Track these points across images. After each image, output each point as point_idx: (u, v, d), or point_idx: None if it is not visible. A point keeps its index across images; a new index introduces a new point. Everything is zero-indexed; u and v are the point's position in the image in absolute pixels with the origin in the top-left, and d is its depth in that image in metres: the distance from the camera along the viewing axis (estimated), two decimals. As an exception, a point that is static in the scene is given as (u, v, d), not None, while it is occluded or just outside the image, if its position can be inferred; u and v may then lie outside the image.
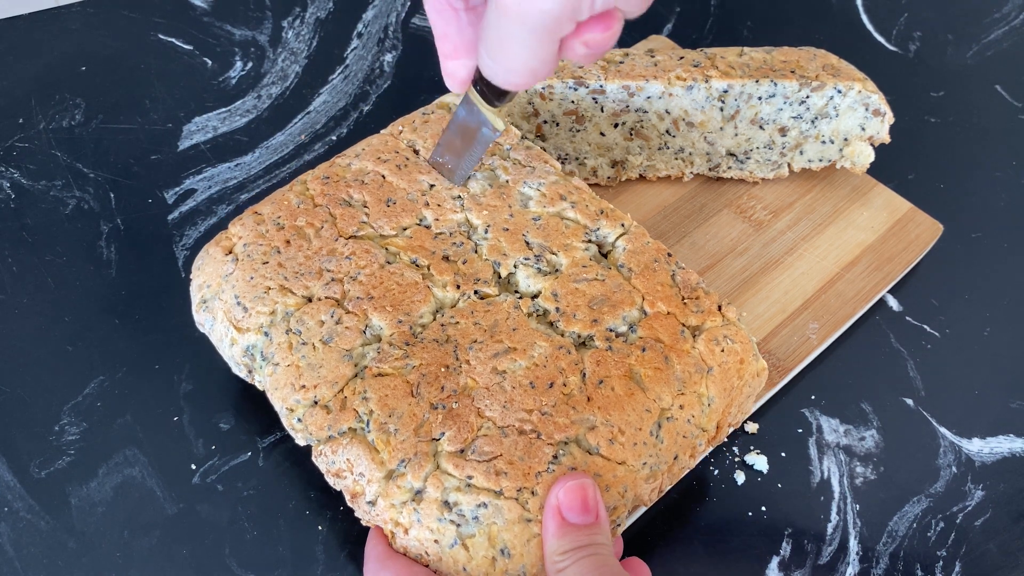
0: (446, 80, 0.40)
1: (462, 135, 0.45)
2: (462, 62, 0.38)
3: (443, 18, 0.36)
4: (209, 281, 0.46)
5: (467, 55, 0.38)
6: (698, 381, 0.42)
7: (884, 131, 0.58)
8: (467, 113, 0.43)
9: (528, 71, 0.32)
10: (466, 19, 0.36)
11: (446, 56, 0.38)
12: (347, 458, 0.40)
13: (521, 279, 0.45)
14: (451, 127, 0.46)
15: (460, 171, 0.47)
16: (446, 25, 0.37)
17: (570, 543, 0.36)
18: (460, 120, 0.44)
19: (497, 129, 0.43)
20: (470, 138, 0.45)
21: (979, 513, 0.49)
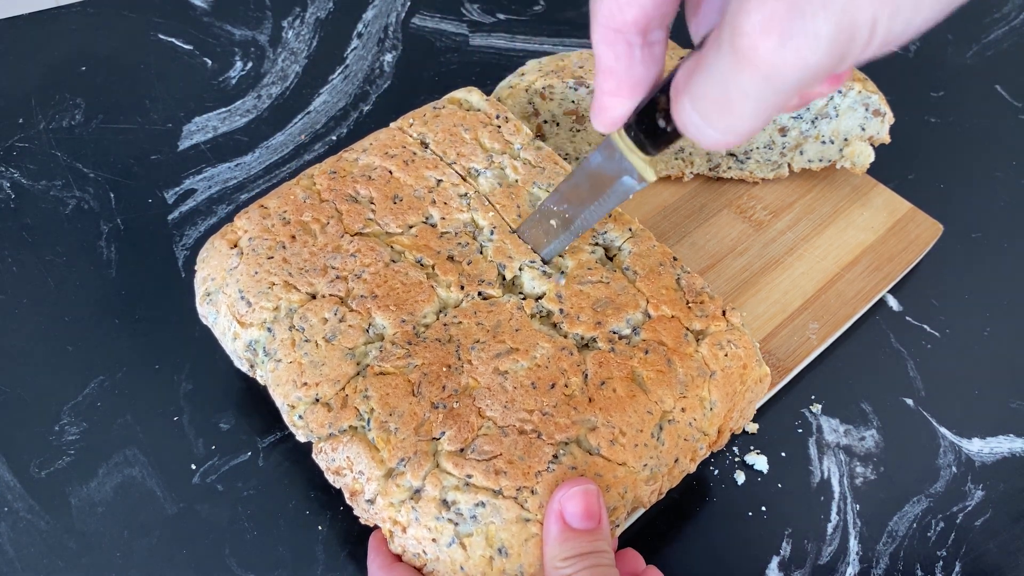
0: (595, 117, 0.34)
1: (592, 183, 0.39)
2: (622, 101, 0.32)
3: (614, 52, 0.30)
4: (213, 274, 0.46)
5: (630, 95, 0.32)
6: (700, 385, 0.42)
7: (884, 131, 0.58)
8: (605, 159, 0.37)
9: (750, 132, 0.26)
10: (639, 56, 0.30)
11: (607, 93, 0.32)
12: (347, 456, 0.40)
13: (527, 281, 0.45)
14: (578, 173, 0.40)
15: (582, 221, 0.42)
16: (615, 61, 0.31)
17: (572, 549, 0.36)
18: (593, 166, 0.38)
19: (645, 180, 0.36)
20: (602, 187, 0.38)
21: (979, 513, 0.49)
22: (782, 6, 0.22)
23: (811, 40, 0.22)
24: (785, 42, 0.22)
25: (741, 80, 0.24)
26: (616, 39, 0.30)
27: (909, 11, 0.22)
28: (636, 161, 0.35)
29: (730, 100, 0.25)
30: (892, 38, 0.22)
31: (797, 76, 0.23)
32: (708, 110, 0.26)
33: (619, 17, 0.29)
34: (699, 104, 0.26)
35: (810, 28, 0.22)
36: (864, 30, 0.22)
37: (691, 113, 0.27)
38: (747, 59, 0.23)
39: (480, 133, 0.51)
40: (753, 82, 0.24)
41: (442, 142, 0.50)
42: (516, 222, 0.47)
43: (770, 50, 0.22)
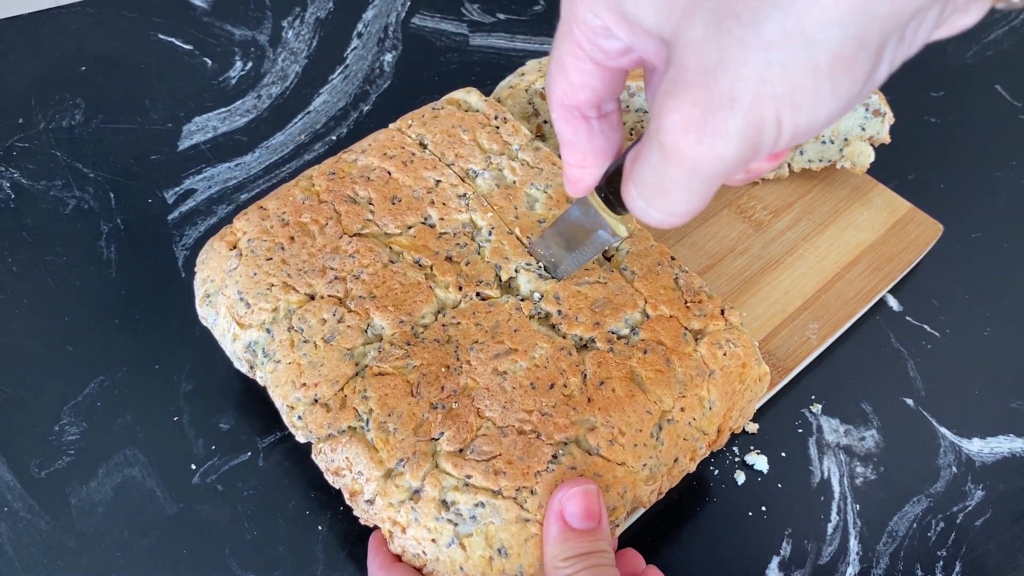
0: (568, 187, 0.36)
1: (573, 233, 0.42)
2: (589, 171, 0.35)
3: (571, 127, 0.33)
4: (213, 276, 0.46)
5: (596, 164, 0.34)
6: (699, 384, 0.42)
7: (884, 131, 0.58)
8: (582, 214, 0.40)
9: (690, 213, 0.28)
10: (597, 127, 0.33)
11: (573, 165, 0.35)
12: (346, 456, 0.40)
13: (522, 283, 0.45)
14: (560, 223, 0.42)
15: (564, 266, 0.44)
16: (575, 134, 0.33)
17: (573, 549, 0.36)
18: (573, 219, 0.41)
19: (618, 235, 0.38)
20: (582, 238, 0.41)
21: (979, 513, 0.49)
22: (697, 109, 0.24)
23: (724, 137, 0.24)
24: (702, 139, 0.24)
25: (670, 171, 0.26)
26: (573, 115, 0.33)
27: (810, 107, 0.24)
28: (609, 219, 0.38)
29: (664, 188, 0.27)
30: (801, 131, 0.24)
31: (718, 168, 0.25)
32: (648, 196, 0.28)
33: (573, 98, 0.32)
34: (641, 190, 0.28)
35: (721, 127, 0.24)
36: (771, 126, 0.24)
37: (636, 198, 0.29)
38: (671, 154, 0.25)
39: (478, 134, 0.51)
40: (681, 173, 0.26)
41: (441, 143, 0.50)
42: (513, 223, 0.47)
43: (690, 146, 0.25)
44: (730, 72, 0.23)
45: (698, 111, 0.24)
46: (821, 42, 0.22)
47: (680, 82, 0.24)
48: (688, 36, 0.24)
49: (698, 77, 0.24)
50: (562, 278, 0.44)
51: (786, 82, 0.23)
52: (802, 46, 0.22)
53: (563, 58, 0.30)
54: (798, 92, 0.23)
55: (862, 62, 0.23)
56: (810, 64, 0.23)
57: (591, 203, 0.38)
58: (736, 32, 0.23)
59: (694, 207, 0.28)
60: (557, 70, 0.31)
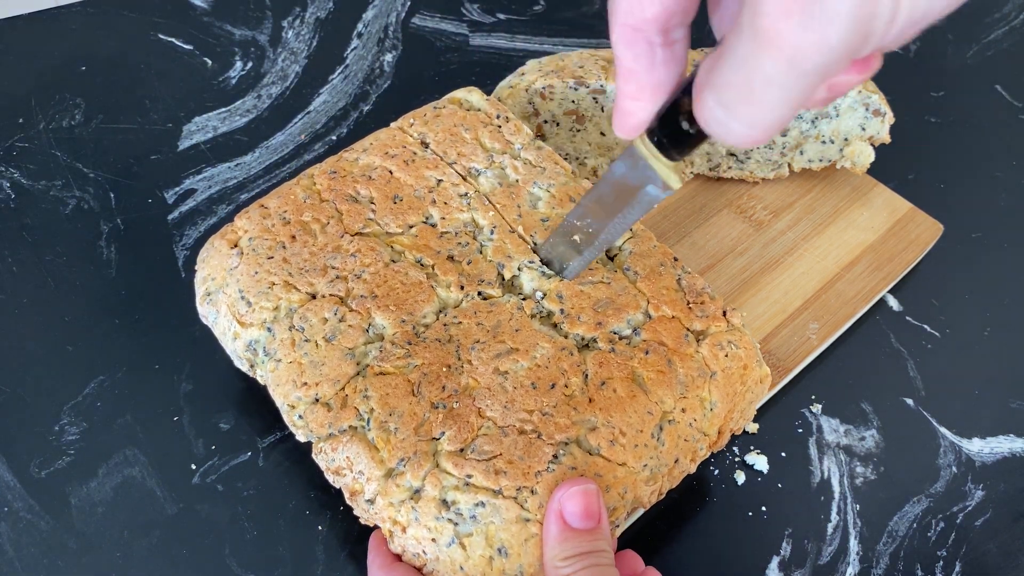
0: (617, 123, 0.32)
1: (616, 194, 0.38)
2: (643, 105, 0.31)
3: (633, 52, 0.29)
4: (213, 274, 0.46)
5: (652, 99, 0.31)
6: (701, 385, 0.42)
7: (884, 131, 0.58)
8: (628, 168, 0.36)
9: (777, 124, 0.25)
10: (661, 56, 0.29)
11: (629, 96, 0.31)
12: (347, 456, 0.40)
13: (525, 282, 0.45)
14: (601, 186, 0.38)
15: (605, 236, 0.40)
16: (635, 61, 0.29)
17: (572, 549, 0.36)
18: (617, 176, 0.37)
19: (670, 187, 0.34)
20: (626, 197, 0.37)
21: (979, 513, 0.49)
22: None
23: (832, 20, 0.21)
24: (806, 22, 0.21)
25: (764, 65, 0.23)
26: (636, 38, 0.29)
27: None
28: (660, 168, 0.34)
29: (754, 88, 0.24)
30: (916, 16, 0.22)
31: (821, 58, 0.22)
32: (732, 101, 0.25)
33: (639, 14, 0.28)
34: (723, 96, 0.25)
35: (831, 6, 0.21)
36: (886, 8, 0.21)
37: (714, 108, 0.26)
38: (769, 41, 0.22)
39: (480, 133, 0.51)
40: (777, 66, 0.23)
41: (442, 142, 0.50)
42: (516, 222, 0.47)
43: (792, 31, 0.22)
44: None
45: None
46: None
47: None
48: None
49: None
50: (570, 278, 0.43)
51: None
52: None
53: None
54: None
55: None
56: None
57: (639, 151, 0.34)
58: None
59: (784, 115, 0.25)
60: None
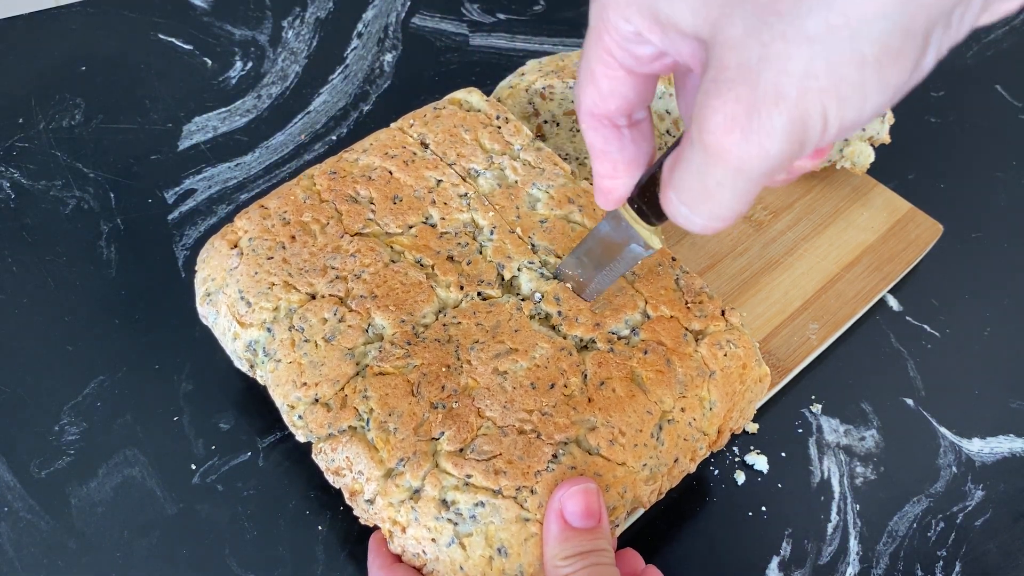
0: (599, 199, 0.35)
1: (602, 250, 0.41)
2: (621, 181, 0.34)
3: (601, 136, 0.32)
4: (213, 274, 0.46)
5: (627, 174, 0.34)
6: (700, 385, 0.42)
7: (884, 131, 0.58)
8: (612, 228, 0.39)
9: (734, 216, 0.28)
10: (629, 136, 0.32)
11: (604, 176, 0.34)
12: (346, 456, 0.40)
13: (524, 282, 0.45)
14: (589, 241, 0.41)
15: (594, 286, 0.43)
16: (606, 144, 0.32)
17: (572, 548, 0.36)
18: (602, 234, 0.40)
19: (651, 247, 0.37)
20: (612, 254, 0.40)
21: (979, 513, 0.49)
22: (740, 107, 0.23)
23: (769, 134, 0.23)
24: (748, 137, 0.24)
25: (715, 173, 0.25)
26: (603, 124, 0.32)
27: (857, 100, 0.23)
28: (642, 231, 0.36)
29: (708, 191, 0.26)
30: (847, 124, 0.24)
31: (763, 166, 0.24)
32: (691, 201, 0.27)
33: (603, 107, 0.31)
34: (683, 196, 0.28)
35: (766, 124, 0.23)
36: (817, 121, 0.23)
37: (677, 204, 0.28)
38: (716, 155, 0.25)
39: (480, 134, 0.51)
40: (725, 174, 0.25)
41: (442, 142, 0.50)
42: (515, 223, 0.47)
43: (735, 144, 0.24)
44: (773, 68, 0.23)
45: (742, 109, 0.23)
46: (866, 34, 0.22)
47: (722, 81, 0.24)
48: (728, 34, 0.24)
49: (741, 75, 0.23)
50: (591, 299, 0.44)
51: (831, 76, 0.22)
52: (846, 38, 0.22)
53: (592, 66, 0.30)
54: (844, 85, 0.23)
55: (909, 52, 0.22)
56: (856, 57, 0.22)
57: (623, 216, 0.37)
58: (778, 28, 0.22)
59: (739, 209, 0.27)
60: (586, 79, 0.30)
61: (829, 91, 0.23)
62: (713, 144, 0.24)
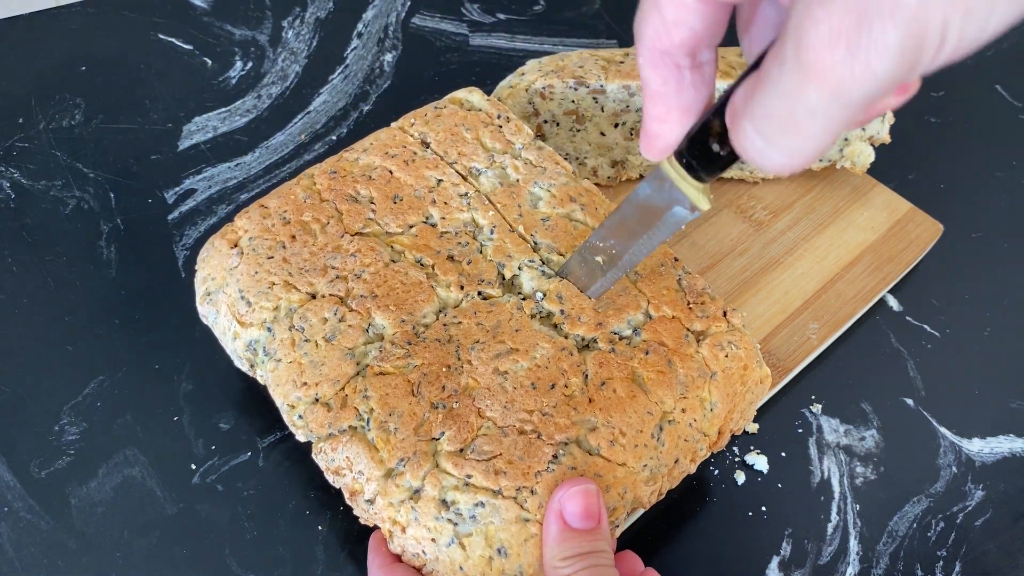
0: (645, 145, 0.32)
1: (641, 215, 0.37)
2: (671, 127, 0.31)
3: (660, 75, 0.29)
4: (213, 274, 0.46)
5: (680, 121, 0.30)
6: (701, 386, 0.42)
7: (884, 131, 0.58)
8: (654, 190, 0.35)
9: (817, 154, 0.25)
10: (689, 79, 0.29)
11: (656, 119, 0.31)
12: (347, 456, 0.40)
13: (525, 281, 0.45)
14: (625, 207, 0.38)
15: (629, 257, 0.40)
16: (663, 84, 0.29)
17: (572, 549, 0.36)
18: (642, 198, 0.36)
19: (698, 209, 0.34)
20: (652, 219, 0.36)
21: (979, 513, 0.49)
22: (849, 17, 0.21)
23: (880, 50, 0.21)
24: (853, 54, 0.21)
25: (808, 96, 0.23)
26: (664, 62, 0.29)
27: (984, 11, 0.21)
28: (688, 189, 0.33)
29: (797, 119, 0.23)
30: (965, 43, 0.21)
31: (867, 89, 0.22)
32: (773, 131, 0.24)
33: (666, 39, 0.28)
34: (762, 126, 0.25)
35: (878, 38, 0.21)
36: (935, 36, 0.21)
37: (754, 137, 0.25)
38: (814, 73, 0.22)
39: (481, 133, 0.51)
40: (821, 98, 0.22)
41: (443, 142, 0.50)
42: (517, 221, 0.47)
43: (838, 63, 0.21)
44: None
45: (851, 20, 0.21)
46: None
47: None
48: None
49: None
50: (595, 297, 0.42)
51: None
52: None
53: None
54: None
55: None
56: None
57: (667, 173, 0.33)
58: None
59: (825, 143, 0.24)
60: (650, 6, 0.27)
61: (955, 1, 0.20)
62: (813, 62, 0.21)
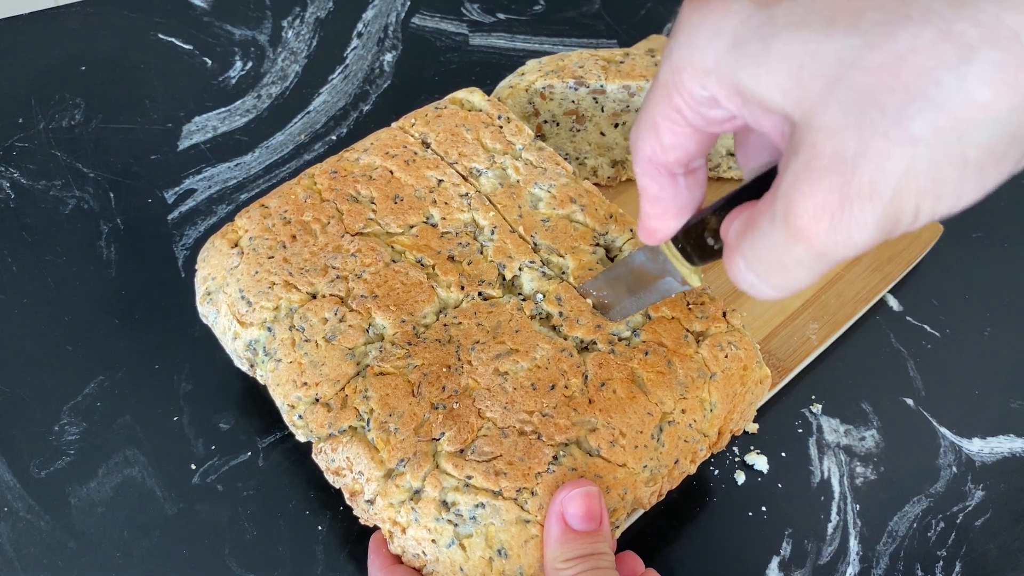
0: (642, 235, 0.35)
1: (634, 278, 0.40)
2: (668, 223, 0.33)
3: (657, 183, 0.32)
4: (214, 273, 0.46)
5: (676, 218, 0.33)
6: (701, 386, 0.42)
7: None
8: (648, 259, 0.38)
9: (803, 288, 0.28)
10: (684, 183, 0.32)
11: (653, 218, 0.33)
12: (347, 456, 0.40)
13: (525, 282, 0.45)
14: (620, 267, 0.41)
15: (619, 310, 0.42)
16: (660, 190, 0.32)
17: (573, 551, 0.36)
18: (636, 264, 0.39)
19: (689, 284, 0.37)
20: (644, 283, 0.39)
21: (979, 513, 0.49)
22: (833, 196, 0.23)
23: (859, 226, 0.24)
24: (836, 227, 0.24)
25: (795, 252, 0.25)
26: (660, 172, 0.31)
27: (952, 198, 0.23)
28: (682, 268, 0.36)
29: (784, 266, 0.26)
30: (938, 217, 0.24)
31: (847, 253, 0.25)
32: (763, 271, 0.27)
33: (663, 157, 0.30)
34: (753, 265, 0.28)
35: (858, 217, 0.23)
36: (908, 215, 0.23)
37: (746, 272, 0.28)
38: (801, 237, 0.25)
39: (482, 133, 0.51)
40: (806, 255, 0.25)
41: (444, 142, 0.50)
42: (517, 222, 0.47)
43: (822, 232, 0.24)
44: (871, 164, 0.22)
45: (834, 199, 0.23)
46: (973, 137, 0.22)
47: (815, 168, 0.24)
48: (823, 121, 0.23)
49: (835, 165, 0.23)
50: (616, 320, 0.43)
51: (931, 176, 0.22)
52: (953, 141, 0.22)
53: (656, 119, 0.29)
54: (942, 185, 0.23)
55: (1012, 155, 0.22)
56: (959, 159, 0.22)
57: (663, 251, 0.36)
58: (880, 124, 0.22)
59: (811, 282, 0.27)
60: (648, 129, 0.30)
61: (927, 190, 0.23)
62: (800, 228, 0.25)
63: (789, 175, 0.24)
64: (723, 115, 0.28)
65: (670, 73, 0.27)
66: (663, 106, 0.29)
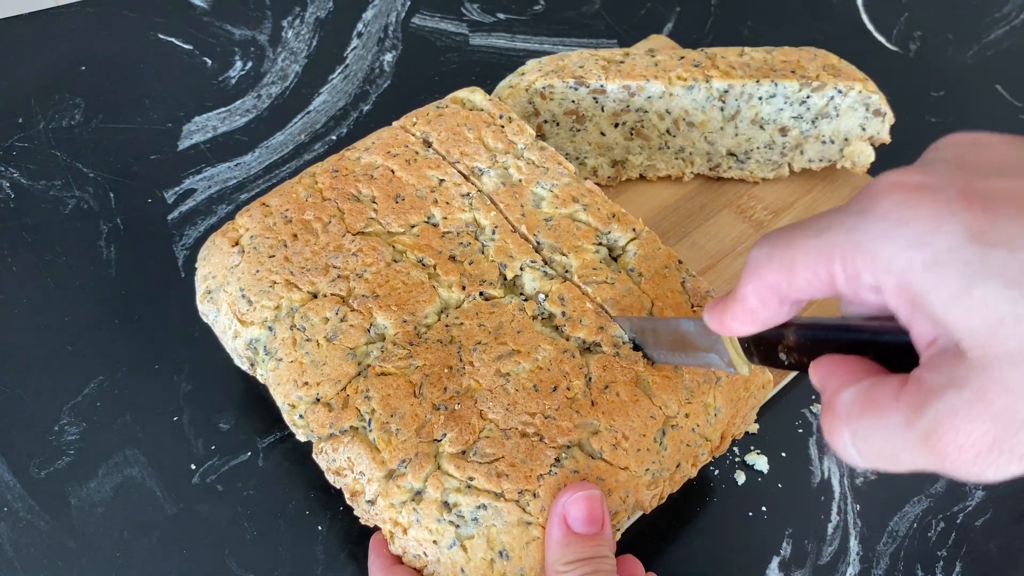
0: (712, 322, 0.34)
1: (675, 339, 0.39)
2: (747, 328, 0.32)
3: (763, 303, 0.31)
4: (214, 272, 0.46)
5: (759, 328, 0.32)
6: (706, 391, 0.42)
7: (884, 131, 0.58)
8: (699, 333, 0.37)
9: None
10: (786, 310, 0.31)
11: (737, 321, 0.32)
12: (348, 456, 0.40)
13: (527, 282, 0.45)
14: (662, 324, 0.40)
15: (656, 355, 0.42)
16: (762, 309, 0.31)
17: (575, 554, 0.36)
18: (684, 330, 0.39)
19: (735, 370, 0.36)
20: (686, 348, 0.39)
21: (979, 513, 0.49)
22: (987, 442, 0.23)
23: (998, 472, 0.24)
24: (978, 462, 0.24)
25: (920, 461, 0.25)
26: (771, 297, 0.30)
27: None
28: (735, 358, 0.35)
29: (897, 460, 0.26)
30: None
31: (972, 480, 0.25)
32: (870, 455, 0.27)
33: (784, 291, 0.30)
34: (861, 445, 0.27)
35: (1003, 467, 0.24)
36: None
37: (848, 444, 0.27)
38: (936, 455, 0.24)
39: (483, 133, 0.51)
40: (930, 466, 0.25)
41: (445, 141, 0.50)
42: (520, 221, 0.47)
43: (962, 462, 0.24)
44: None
45: (987, 442, 0.23)
46: None
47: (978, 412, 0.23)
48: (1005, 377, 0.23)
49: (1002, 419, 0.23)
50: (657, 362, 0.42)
51: None
52: None
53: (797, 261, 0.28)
54: None
55: None
56: None
57: (723, 340, 0.35)
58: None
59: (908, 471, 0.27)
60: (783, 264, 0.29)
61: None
62: (940, 451, 0.24)
63: (946, 404, 0.24)
64: (874, 301, 0.27)
65: (843, 247, 0.26)
66: (813, 257, 0.27)
